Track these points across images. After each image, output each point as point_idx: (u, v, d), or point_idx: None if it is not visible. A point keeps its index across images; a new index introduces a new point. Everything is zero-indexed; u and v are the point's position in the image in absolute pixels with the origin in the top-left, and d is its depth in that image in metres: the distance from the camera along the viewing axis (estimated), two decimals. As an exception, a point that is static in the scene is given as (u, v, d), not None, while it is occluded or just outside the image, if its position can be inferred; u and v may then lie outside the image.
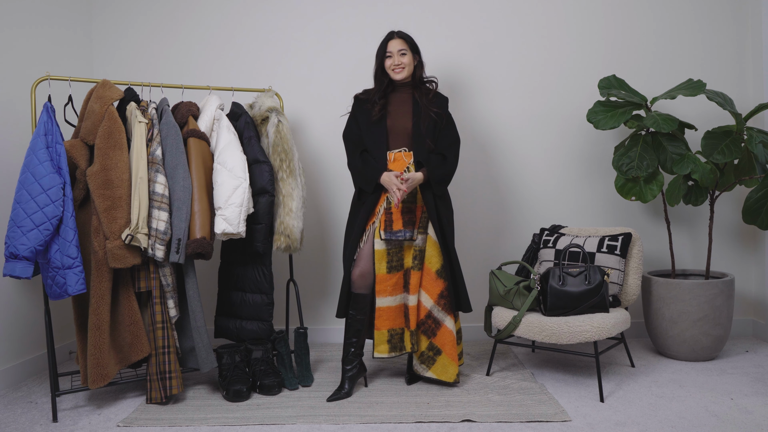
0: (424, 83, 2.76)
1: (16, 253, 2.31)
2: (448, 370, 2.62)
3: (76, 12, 3.37)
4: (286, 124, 2.84)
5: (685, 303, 2.91)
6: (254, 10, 3.47)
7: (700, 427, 2.21)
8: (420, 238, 2.64)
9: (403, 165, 2.66)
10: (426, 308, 2.63)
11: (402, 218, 2.62)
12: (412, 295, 2.62)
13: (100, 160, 2.42)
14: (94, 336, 2.40)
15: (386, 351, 2.62)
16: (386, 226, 2.61)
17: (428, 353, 2.65)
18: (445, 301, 2.62)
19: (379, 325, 2.62)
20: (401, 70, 2.68)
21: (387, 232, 2.60)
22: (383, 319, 2.62)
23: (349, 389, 2.61)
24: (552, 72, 3.45)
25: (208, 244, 2.52)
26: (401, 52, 2.67)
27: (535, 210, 3.46)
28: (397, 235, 2.59)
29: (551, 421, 2.29)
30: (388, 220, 2.62)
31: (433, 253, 2.63)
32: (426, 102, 2.68)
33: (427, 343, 2.65)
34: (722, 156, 2.81)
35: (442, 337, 2.63)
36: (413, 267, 2.63)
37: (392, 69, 2.68)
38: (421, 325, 2.65)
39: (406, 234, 2.60)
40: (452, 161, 2.69)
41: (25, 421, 2.42)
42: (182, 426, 2.33)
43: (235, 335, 2.88)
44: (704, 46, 3.44)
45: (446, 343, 2.62)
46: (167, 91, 2.94)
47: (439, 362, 2.64)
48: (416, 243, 2.63)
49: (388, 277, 2.62)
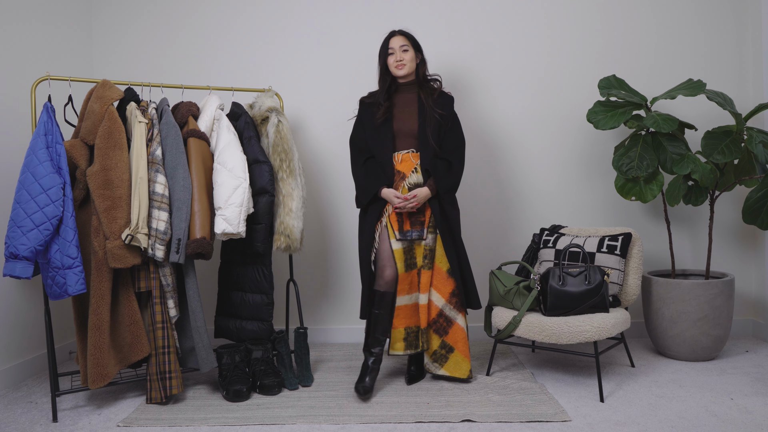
0: (428, 82, 2.77)
1: (16, 253, 2.31)
2: (461, 367, 2.67)
3: (76, 12, 3.37)
4: (286, 124, 2.84)
5: (685, 303, 2.91)
6: (254, 9, 3.47)
7: (700, 427, 2.21)
8: (430, 238, 2.67)
9: (411, 166, 2.68)
10: (437, 307, 2.67)
11: (410, 219, 2.67)
12: (422, 293, 2.67)
13: (100, 160, 2.42)
14: (94, 336, 2.40)
15: (402, 348, 2.67)
16: (399, 226, 2.67)
17: (441, 351, 2.69)
18: (457, 300, 2.67)
19: (397, 324, 2.67)
20: (403, 66, 2.68)
21: (400, 232, 2.66)
22: (400, 318, 2.67)
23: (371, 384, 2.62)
24: (552, 72, 3.45)
25: (208, 244, 2.52)
26: (403, 48, 2.69)
27: (535, 210, 3.46)
28: (407, 235, 2.66)
29: (551, 421, 2.29)
30: (400, 220, 2.67)
31: (443, 253, 2.67)
32: (431, 102, 2.69)
33: (440, 341, 2.69)
34: (722, 156, 2.81)
35: (454, 334, 2.67)
36: (424, 266, 2.67)
37: (394, 66, 2.70)
38: (433, 324, 2.69)
39: (414, 234, 2.65)
40: (458, 167, 2.71)
41: (25, 421, 2.42)
42: (182, 426, 2.33)
43: (235, 335, 2.88)
44: (704, 46, 3.44)
45: (459, 340, 2.66)
46: (167, 91, 2.94)
47: (451, 359, 2.68)
48: (426, 242, 2.67)
49: (405, 276, 2.67)
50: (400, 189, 2.67)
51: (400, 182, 2.68)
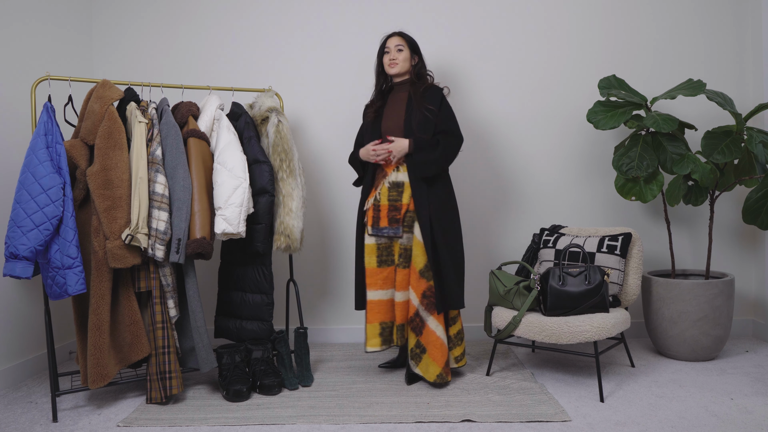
0: (420, 79, 2.79)
1: (16, 253, 2.31)
2: (429, 369, 2.65)
3: (76, 12, 3.37)
4: (286, 124, 2.84)
5: (685, 303, 2.91)
6: (254, 9, 3.46)
7: (700, 427, 2.21)
8: (405, 237, 2.67)
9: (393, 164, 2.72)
10: (414, 306, 2.67)
11: (388, 216, 2.68)
12: (398, 291, 2.68)
13: (100, 160, 2.42)
14: (94, 336, 2.40)
15: (378, 344, 2.71)
16: (374, 222, 2.70)
17: (416, 350, 2.69)
18: (428, 301, 2.63)
19: (371, 318, 2.70)
20: (395, 65, 2.73)
21: (374, 228, 2.70)
22: (374, 312, 2.70)
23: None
24: (552, 72, 3.45)
25: (208, 244, 2.52)
26: (398, 47, 2.74)
27: (535, 210, 3.46)
28: (382, 232, 2.68)
29: (551, 421, 2.29)
30: (376, 216, 2.70)
31: (418, 252, 2.64)
32: (419, 97, 2.69)
33: (416, 340, 2.68)
34: (722, 156, 2.81)
35: (426, 336, 2.65)
36: (399, 264, 2.68)
37: (387, 64, 2.76)
38: (410, 322, 2.69)
39: (389, 231, 2.67)
40: (443, 148, 2.64)
41: (25, 421, 2.42)
42: (182, 426, 2.33)
43: (235, 335, 2.88)
44: (704, 46, 3.44)
45: (429, 342, 2.64)
46: (167, 91, 2.94)
47: (424, 360, 2.67)
48: (401, 242, 2.67)
49: (378, 271, 2.70)
50: (380, 186, 2.70)
51: (381, 180, 2.72)
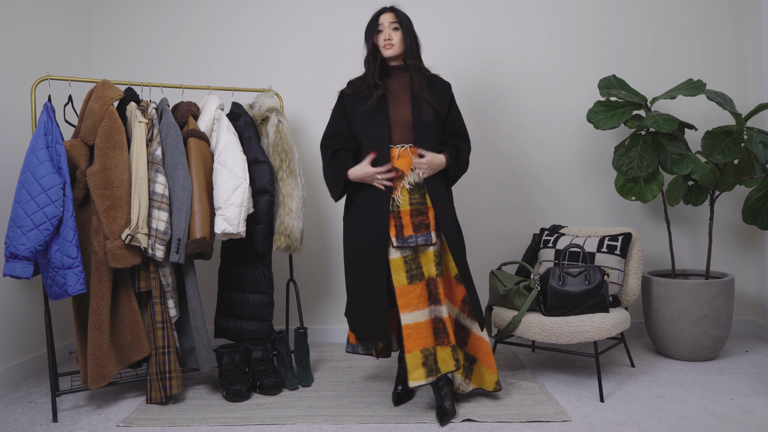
0: (420, 68, 2.44)
1: (16, 253, 2.31)
2: (485, 379, 2.41)
3: (76, 12, 3.37)
4: (286, 124, 2.84)
5: (685, 303, 2.91)
6: (254, 9, 3.47)
7: (700, 427, 2.21)
8: (438, 242, 2.35)
9: (410, 163, 2.36)
10: (452, 317, 2.39)
11: (412, 222, 2.31)
12: (443, 305, 2.27)
13: (100, 160, 2.42)
14: (94, 336, 2.40)
15: (423, 377, 2.20)
16: (397, 231, 2.29)
17: (465, 363, 2.43)
18: (469, 308, 2.38)
19: (410, 347, 2.20)
20: (391, 46, 2.38)
21: (398, 239, 2.28)
22: (413, 339, 2.21)
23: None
24: (552, 72, 3.45)
25: (208, 244, 2.52)
26: (393, 25, 2.39)
27: (535, 210, 3.46)
28: (409, 242, 2.28)
29: (551, 421, 2.29)
30: (398, 224, 2.31)
31: (449, 258, 2.37)
32: (426, 91, 2.38)
33: (462, 353, 2.42)
34: (722, 156, 2.81)
35: (473, 344, 2.40)
36: (439, 275, 2.29)
37: (383, 45, 2.39)
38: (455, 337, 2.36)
39: (421, 239, 2.29)
40: (466, 153, 2.47)
41: (25, 421, 2.42)
42: (182, 426, 2.33)
43: (235, 335, 2.88)
44: (704, 46, 3.44)
45: (479, 350, 2.40)
46: (167, 91, 2.94)
47: (476, 371, 2.43)
48: (434, 248, 2.32)
49: (410, 288, 2.24)
50: (399, 189, 2.34)
51: (399, 181, 2.35)
